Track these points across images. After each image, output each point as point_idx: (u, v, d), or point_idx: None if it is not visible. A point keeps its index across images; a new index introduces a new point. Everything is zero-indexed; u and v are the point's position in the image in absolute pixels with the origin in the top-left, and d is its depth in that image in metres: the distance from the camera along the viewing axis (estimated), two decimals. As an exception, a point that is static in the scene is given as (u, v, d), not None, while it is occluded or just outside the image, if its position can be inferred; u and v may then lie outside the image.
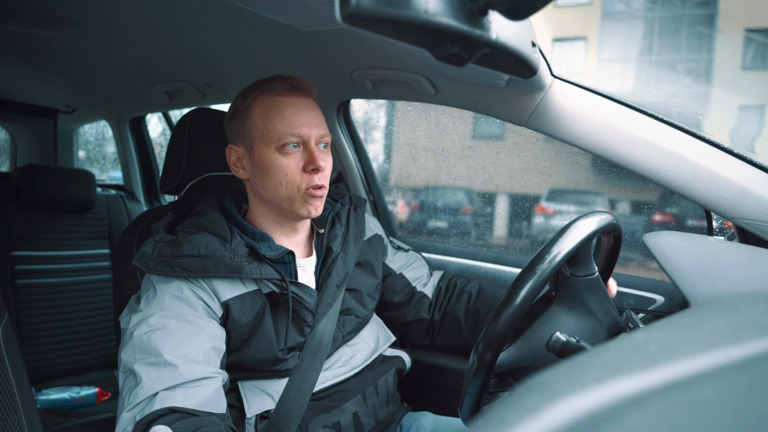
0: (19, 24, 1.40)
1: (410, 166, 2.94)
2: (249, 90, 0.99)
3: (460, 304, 1.25)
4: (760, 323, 0.44)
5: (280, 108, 0.95)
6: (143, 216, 1.22)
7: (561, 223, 3.12)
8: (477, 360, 0.73)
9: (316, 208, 0.99)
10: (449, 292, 1.29)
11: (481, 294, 1.25)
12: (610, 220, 0.81)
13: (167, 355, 0.83)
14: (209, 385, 0.85)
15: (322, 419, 1.01)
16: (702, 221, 1.11)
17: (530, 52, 0.64)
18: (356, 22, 0.35)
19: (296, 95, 0.98)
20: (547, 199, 3.14)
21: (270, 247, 0.97)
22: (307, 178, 0.96)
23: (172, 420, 0.78)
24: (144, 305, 0.91)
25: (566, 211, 3.10)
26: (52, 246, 2.13)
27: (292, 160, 0.95)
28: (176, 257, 0.91)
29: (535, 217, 3.35)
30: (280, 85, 0.97)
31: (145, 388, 0.80)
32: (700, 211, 1.04)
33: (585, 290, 0.84)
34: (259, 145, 0.96)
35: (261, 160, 0.96)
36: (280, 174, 0.95)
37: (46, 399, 1.82)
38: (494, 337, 0.71)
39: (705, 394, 0.27)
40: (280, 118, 0.95)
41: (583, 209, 3.02)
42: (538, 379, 0.30)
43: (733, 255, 0.71)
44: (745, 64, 6.62)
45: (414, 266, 1.30)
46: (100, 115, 2.64)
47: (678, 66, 7.81)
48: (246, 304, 0.95)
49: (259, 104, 0.97)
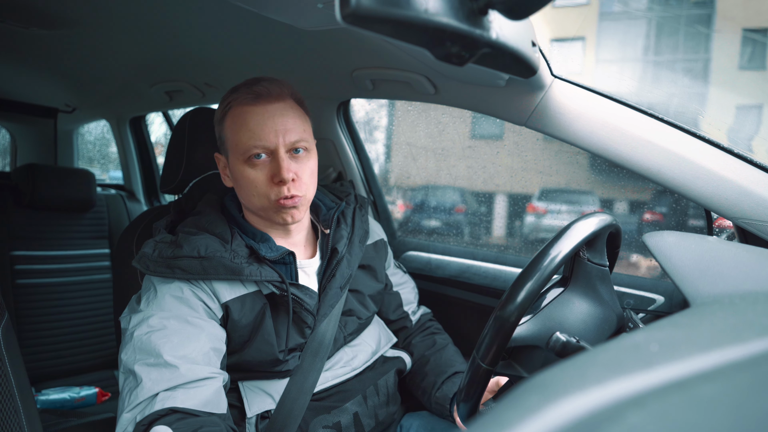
0: (19, 23, 1.40)
1: (410, 165, 2.94)
2: (224, 99, 0.98)
3: (419, 345, 1.25)
4: (761, 323, 0.44)
5: (245, 118, 0.93)
6: (143, 216, 1.22)
7: (552, 222, 3.12)
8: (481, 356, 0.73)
9: (292, 216, 0.96)
10: (421, 328, 1.30)
11: (441, 352, 1.21)
12: (609, 221, 0.81)
13: (167, 356, 0.83)
14: (210, 385, 0.85)
15: (322, 419, 1.00)
16: (697, 220, 1.11)
17: (530, 52, 0.64)
18: (356, 22, 0.35)
19: (263, 103, 0.94)
20: (539, 199, 3.14)
21: (270, 248, 0.97)
22: (276, 189, 0.93)
23: (173, 420, 0.78)
24: (144, 305, 0.91)
25: (556, 210, 3.09)
26: (52, 246, 2.13)
27: (260, 171, 0.93)
28: (176, 258, 0.91)
29: (527, 216, 3.35)
30: (246, 95, 0.94)
31: (145, 388, 0.80)
32: (692, 210, 1.04)
33: (598, 278, 0.84)
34: (232, 158, 0.96)
35: (234, 173, 0.96)
36: (251, 186, 0.94)
37: (46, 399, 1.82)
38: (495, 336, 0.71)
39: (705, 394, 0.26)
40: (245, 130, 0.92)
41: (573, 208, 3.04)
42: (538, 379, 0.30)
43: (734, 255, 0.71)
44: (742, 63, 6.63)
45: (409, 289, 1.32)
46: (100, 115, 2.64)
47: (676, 66, 7.82)
48: (246, 305, 0.95)
49: (230, 116, 0.96)
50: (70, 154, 2.82)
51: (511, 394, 0.29)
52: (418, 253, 1.71)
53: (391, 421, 1.15)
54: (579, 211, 2.87)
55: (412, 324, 1.29)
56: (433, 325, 1.32)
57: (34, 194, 2.03)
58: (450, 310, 1.52)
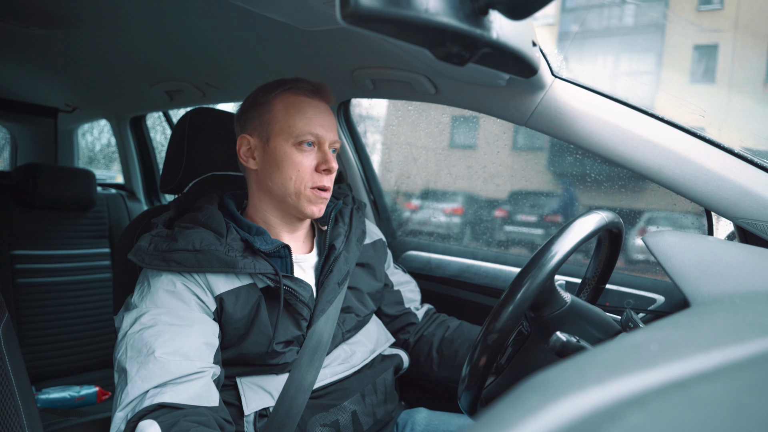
0: (19, 23, 1.40)
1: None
2: (272, 86, 1.03)
3: (437, 331, 1.25)
4: (761, 323, 0.44)
5: (302, 107, 1.00)
6: (143, 215, 1.22)
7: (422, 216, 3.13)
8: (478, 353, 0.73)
9: (320, 210, 1.02)
10: (431, 320, 1.30)
11: (459, 328, 1.25)
12: (611, 218, 0.81)
13: (158, 353, 0.84)
14: (199, 379, 0.86)
15: (320, 417, 1.00)
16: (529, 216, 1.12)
17: (531, 52, 0.64)
18: (357, 22, 0.35)
19: (318, 98, 1.02)
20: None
21: (265, 241, 0.99)
22: (317, 177, 0.99)
23: (159, 414, 0.79)
24: (138, 300, 0.93)
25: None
26: (53, 245, 2.13)
27: (305, 157, 0.99)
28: (171, 251, 0.92)
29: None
30: (305, 86, 1.01)
31: (136, 386, 0.82)
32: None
33: (557, 324, 0.81)
34: (277, 139, 0.99)
35: (276, 153, 0.99)
36: (293, 169, 0.98)
37: (47, 398, 1.82)
38: (492, 337, 0.72)
39: (705, 394, 0.27)
40: (302, 116, 0.99)
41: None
42: (538, 379, 0.30)
43: (734, 255, 0.71)
44: (694, 78, 6.81)
45: (411, 288, 1.33)
46: (100, 114, 2.64)
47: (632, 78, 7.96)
48: (240, 298, 0.96)
49: (282, 100, 1.00)
50: (71, 154, 2.82)
51: (511, 394, 0.29)
52: (418, 253, 1.71)
53: (389, 419, 1.15)
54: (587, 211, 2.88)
55: (419, 319, 1.29)
56: (441, 315, 1.33)
57: (34, 194, 2.03)
58: (450, 309, 1.52)
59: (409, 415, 1.18)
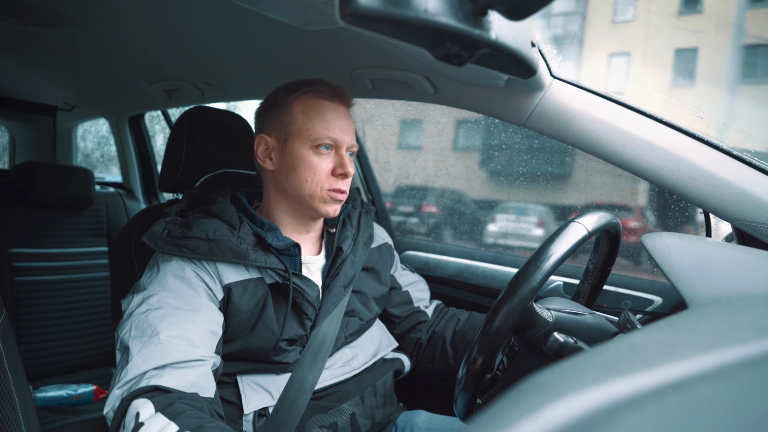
0: (18, 21, 1.40)
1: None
2: (292, 86, 1.02)
3: (448, 326, 1.26)
4: (758, 324, 0.44)
5: (322, 110, 0.99)
6: (142, 214, 1.22)
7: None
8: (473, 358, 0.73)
9: (335, 210, 1.02)
10: (441, 315, 1.30)
11: (470, 319, 1.25)
12: (609, 219, 0.81)
13: (162, 335, 0.84)
14: (198, 367, 0.86)
15: (319, 419, 1.00)
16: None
17: (530, 52, 0.64)
18: (356, 22, 0.35)
19: (338, 102, 1.02)
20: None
21: (277, 238, 0.99)
22: (333, 180, 0.99)
23: (154, 395, 0.80)
24: (147, 282, 0.93)
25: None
26: (51, 243, 2.12)
27: (323, 160, 0.99)
28: (185, 238, 0.94)
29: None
30: (326, 89, 1.01)
31: (136, 366, 0.82)
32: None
33: (543, 343, 0.80)
34: (295, 141, 0.99)
35: (293, 155, 0.99)
36: (309, 172, 0.98)
37: (44, 396, 1.82)
38: (490, 337, 0.71)
39: (703, 395, 0.27)
40: (321, 119, 0.98)
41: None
42: (536, 380, 0.30)
43: (731, 256, 0.71)
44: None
45: (419, 288, 1.33)
46: (99, 113, 2.63)
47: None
48: (248, 290, 0.96)
49: (302, 102, 1.00)
50: (69, 152, 2.81)
51: (509, 395, 0.29)
52: (416, 253, 1.71)
53: (387, 422, 1.15)
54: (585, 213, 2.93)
55: (429, 316, 1.29)
56: (450, 309, 1.33)
57: (32, 192, 2.02)
58: (448, 310, 1.52)
59: (409, 417, 1.18)
